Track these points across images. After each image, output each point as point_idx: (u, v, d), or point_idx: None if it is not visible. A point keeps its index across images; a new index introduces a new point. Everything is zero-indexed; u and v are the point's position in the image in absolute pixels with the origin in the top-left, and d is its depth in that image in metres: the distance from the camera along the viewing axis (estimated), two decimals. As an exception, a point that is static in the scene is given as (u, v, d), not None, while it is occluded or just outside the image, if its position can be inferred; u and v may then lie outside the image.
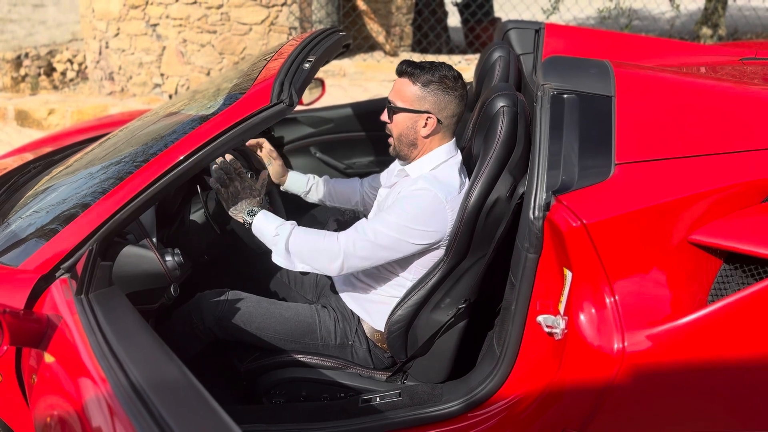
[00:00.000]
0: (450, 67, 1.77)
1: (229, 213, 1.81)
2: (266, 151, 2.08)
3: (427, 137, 1.76)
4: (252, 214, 1.78)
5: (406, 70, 1.75)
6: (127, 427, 1.00)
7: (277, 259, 1.75)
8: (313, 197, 2.16)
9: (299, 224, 1.80)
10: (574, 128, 1.54)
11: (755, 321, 1.36)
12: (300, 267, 1.75)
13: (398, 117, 1.76)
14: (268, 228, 1.75)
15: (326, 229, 1.93)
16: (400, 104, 1.75)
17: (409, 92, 1.74)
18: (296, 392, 1.88)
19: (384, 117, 1.80)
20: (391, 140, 1.81)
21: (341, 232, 1.74)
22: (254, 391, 1.92)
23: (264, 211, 1.80)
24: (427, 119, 1.74)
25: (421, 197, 1.69)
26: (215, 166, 1.84)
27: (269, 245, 1.76)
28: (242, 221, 1.80)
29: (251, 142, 2.09)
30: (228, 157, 1.85)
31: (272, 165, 2.08)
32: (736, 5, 7.57)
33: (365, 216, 1.96)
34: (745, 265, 1.42)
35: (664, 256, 1.42)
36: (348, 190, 2.18)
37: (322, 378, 1.87)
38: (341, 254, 1.69)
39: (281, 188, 2.16)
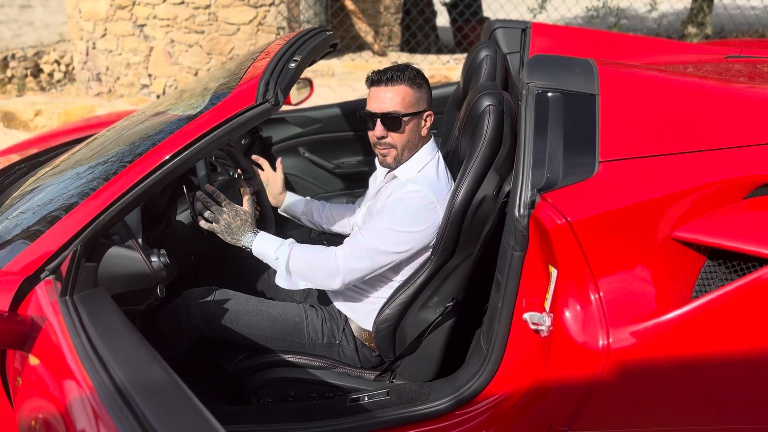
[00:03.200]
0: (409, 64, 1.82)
1: (229, 242, 1.78)
2: (266, 172, 2.12)
3: (425, 135, 1.79)
4: (250, 240, 1.76)
5: (394, 75, 1.73)
6: (110, 429, 1.00)
7: (280, 281, 1.75)
8: (308, 221, 2.18)
9: (289, 230, 1.80)
10: (559, 126, 1.54)
11: (739, 316, 1.37)
12: (302, 285, 1.75)
13: (408, 125, 1.74)
14: (268, 252, 1.74)
15: (315, 238, 1.94)
16: (403, 111, 1.73)
17: (410, 97, 1.74)
18: (285, 392, 1.88)
19: (381, 131, 1.74)
20: (388, 151, 1.77)
21: (338, 248, 1.73)
22: (243, 391, 1.92)
23: (261, 234, 1.77)
24: (426, 117, 1.78)
25: (412, 199, 1.69)
26: (198, 205, 1.77)
27: (272, 267, 1.76)
28: (243, 248, 1.78)
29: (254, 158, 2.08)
30: (209, 188, 1.78)
31: (270, 186, 2.12)
32: (722, 4, 7.62)
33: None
34: (728, 261, 1.43)
35: (648, 252, 1.43)
36: (344, 215, 2.17)
37: (310, 378, 1.86)
38: (340, 271, 1.70)
39: (278, 210, 2.18)
